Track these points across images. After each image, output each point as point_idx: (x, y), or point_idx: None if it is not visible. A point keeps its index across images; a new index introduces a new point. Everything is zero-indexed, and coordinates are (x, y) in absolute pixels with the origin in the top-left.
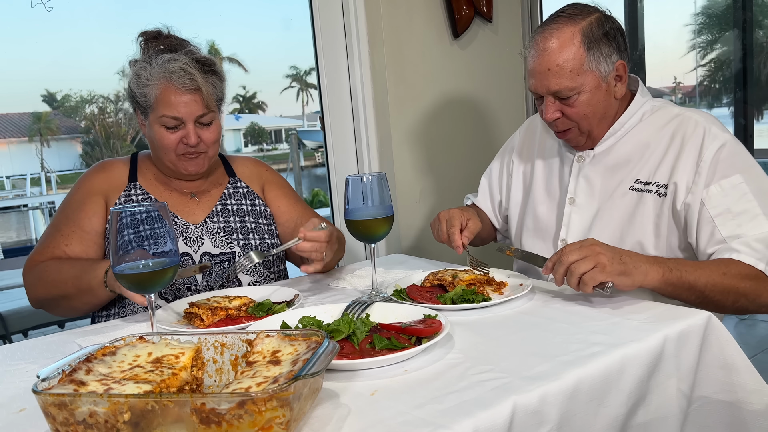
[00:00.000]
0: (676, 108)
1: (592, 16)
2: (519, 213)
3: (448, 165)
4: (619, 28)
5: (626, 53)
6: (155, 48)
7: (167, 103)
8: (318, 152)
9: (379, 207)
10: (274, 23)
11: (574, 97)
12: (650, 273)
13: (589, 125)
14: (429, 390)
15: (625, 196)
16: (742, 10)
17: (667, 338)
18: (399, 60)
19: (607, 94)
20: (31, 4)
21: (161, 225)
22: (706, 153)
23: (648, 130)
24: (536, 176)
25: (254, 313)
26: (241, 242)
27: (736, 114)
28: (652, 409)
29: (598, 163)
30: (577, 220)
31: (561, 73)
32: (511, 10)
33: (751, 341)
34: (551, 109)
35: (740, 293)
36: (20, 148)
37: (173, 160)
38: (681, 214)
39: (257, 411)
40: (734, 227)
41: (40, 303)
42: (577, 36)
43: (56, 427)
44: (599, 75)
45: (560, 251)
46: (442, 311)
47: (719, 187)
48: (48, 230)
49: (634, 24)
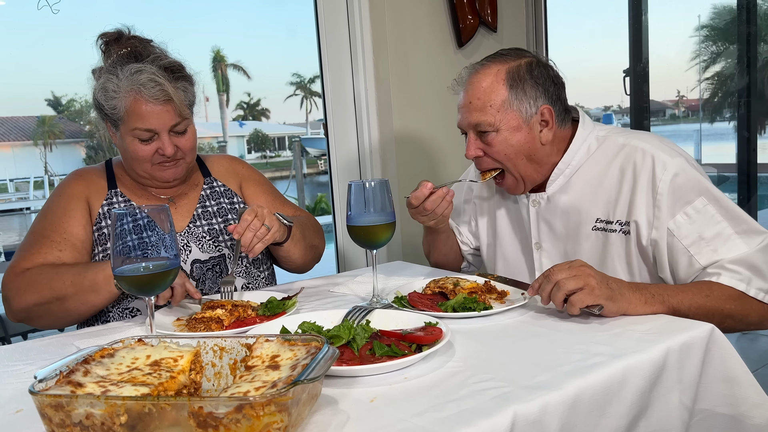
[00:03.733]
0: (621, 137)
1: (524, 60)
2: (489, 254)
3: (451, 174)
4: (553, 77)
5: (558, 101)
6: (118, 52)
7: (138, 116)
8: (321, 160)
9: (381, 213)
10: (278, 30)
11: (492, 134)
12: (633, 300)
13: (515, 168)
14: (429, 398)
15: (590, 237)
16: (746, 23)
17: (670, 350)
18: (403, 68)
19: (530, 137)
20: (38, 6)
21: (162, 227)
22: (660, 185)
23: (596, 166)
24: (499, 219)
25: (265, 313)
26: (228, 243)
27: (740, 128)
28: (654, 421)
29: (553, 205)
30: (547, 264)
31: (482, 107)
32: (515, 19)
33: (753, 355)
34: (473, 146)
35: (725, 315)
36: (24, 152)
37: (149, 169)
38: (648, 250)
39: (255, 415)
40: (710, 254)
41: (26, 311)
42: (502, 74)
43: (52, 428)
44: (520, 116)
45: (548, 271)
46: (443, 319)
47: (685, 215)
48: (32, 237)
49: (638, 37)
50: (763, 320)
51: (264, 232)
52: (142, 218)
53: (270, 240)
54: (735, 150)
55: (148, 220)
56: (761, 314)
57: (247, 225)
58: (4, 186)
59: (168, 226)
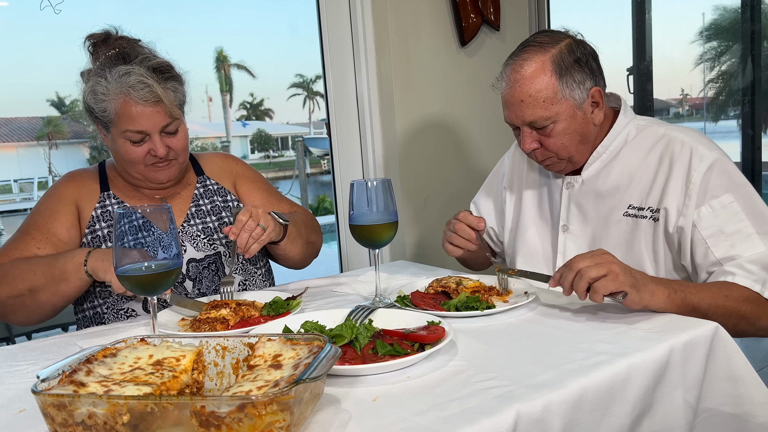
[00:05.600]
0: (661, 127)
1: (562, 44)
2: (511, 239)
3: (454, 173)
4: (591, 53)
5: (601, 78)
6: (106, 54)
7: (129, 118)
8: (324, 160)
9: (383, 212)
10: (281, 30)
11: (550, 126)
12: (656, 293)
13: (568, 153)
14: (431, 397)
15: (620, 223)
16: (750, 21)
17: (674, 348)
18: (406, 67)
19: (584, 121)
20: (40, 6)
21: (164, 227)
22: (695, 175)
23: (635, 154)
24: (526, 202)
25: (269, 313)
26: (224, 241)
27: (744, 126)
28: (658, 420)
29: (587, 189)
30: (572, 248)
31: (534, 103)
32: (518, 18)
33: (757, 355)
34: (529, 140)
35: (741, 316)
36: (28, 152)
37: (142, 171)
38: (674, 238)
39: (257, 415)
40: (727, 248)
41: (1, 305)
42: (548, 65)
43: (55, 428)
44: (574, 103)
45: (569, 261)
46: (445, 318)
47: (710, 208)
48: (15, 235)
49: (642, 35)
50: None
51: (259, 233)
52: (143, 218)
53: (266, 240)
54: (739, 148)
55: (149, 220)
56: None
57: (242, 226)
58: (8, 186)
59: (169, 226)
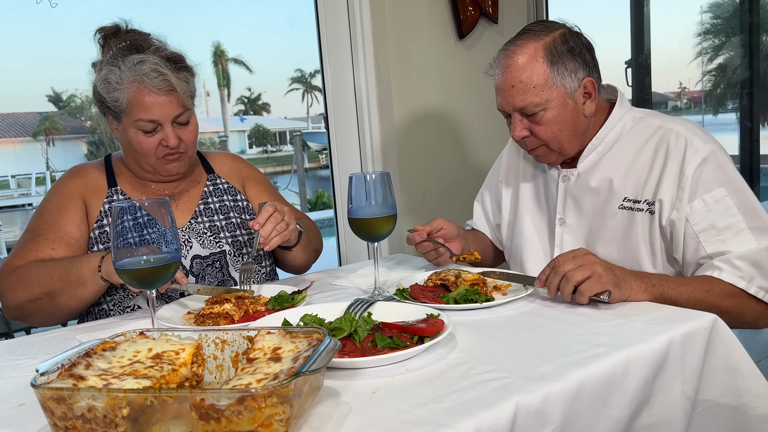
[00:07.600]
0: (657, 119)
1: (556, 32)
2: (509, 232)
3: (452, 166)
4: (586, 44)
5: (595, 70)
6: (117, 46)
7: (142, 107)
8: (322, 154)
9: (382, 206)
10: (279, 24)
11: (540, 113)
12: (634, 287)
13: (558, 143)
14: (431, 389)
15: (616, 216)
16: (749, 14)
17: (672, 340)
18: (404, 61)
19: (575, 111)
20: (36, 1)
21: (163, 221)
22: (688, 168)
23: (631, 146)
24: (523, 195)
25: (275, 307)
26: (230, 239)
27: (742, 119)
28: (656, 411)
29: (583, 182)
30: (569, 241)
31: (525, 89)
32: (516, 11)
33: (755, 347)
34: (519, 127)
35: (722, 311)
36: (26, 148)
37: (153, 163)
38: (667, 230)
39: (257, 407)
40: (719, 244)
41: (19, 308)
42: (540, 51)
43: (54, 421)
44: (565, 91)
45: (553, 262)
46: (444, 311)
47: (702, 202)
48: (27, 236)
49: (640, 28)
50: (757, 319)
51: (283, 227)
52: (142, 212)
53: (287, 236)
54: (738, 141)
55: (149, 214)
56: (756, 313)
57: (269, 216)
58: (6, 182)
59: (168, 220)
